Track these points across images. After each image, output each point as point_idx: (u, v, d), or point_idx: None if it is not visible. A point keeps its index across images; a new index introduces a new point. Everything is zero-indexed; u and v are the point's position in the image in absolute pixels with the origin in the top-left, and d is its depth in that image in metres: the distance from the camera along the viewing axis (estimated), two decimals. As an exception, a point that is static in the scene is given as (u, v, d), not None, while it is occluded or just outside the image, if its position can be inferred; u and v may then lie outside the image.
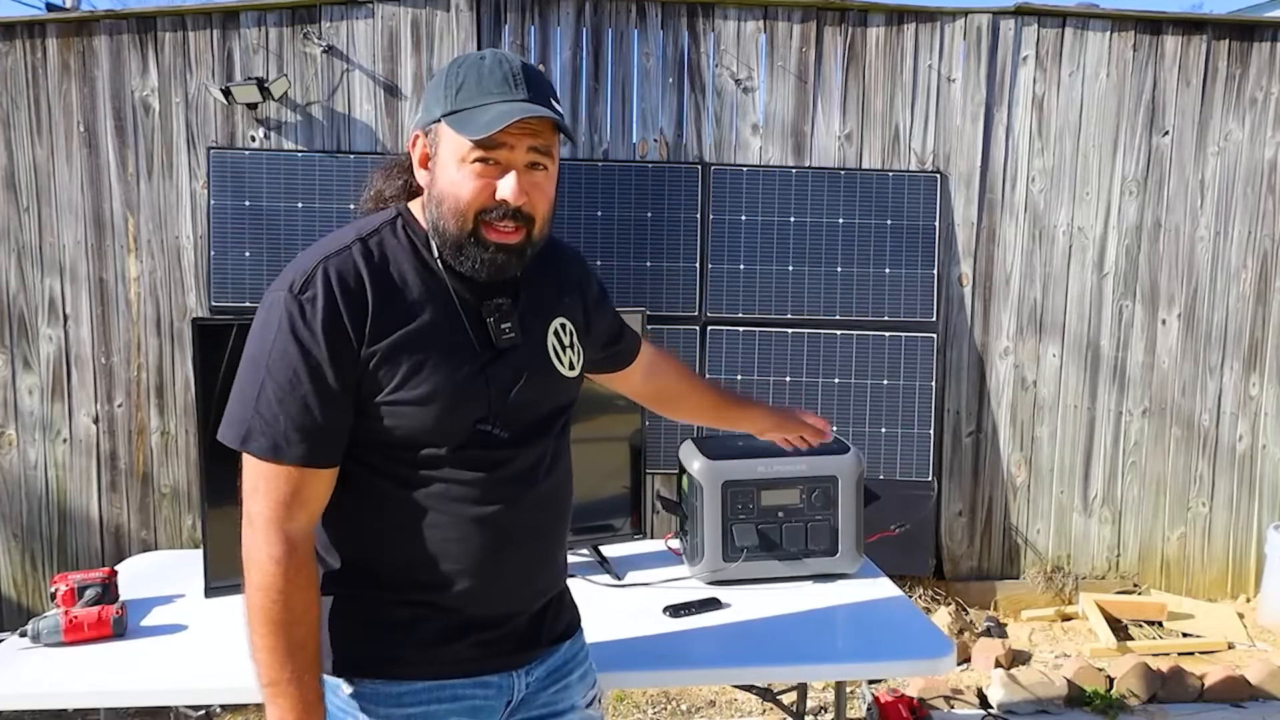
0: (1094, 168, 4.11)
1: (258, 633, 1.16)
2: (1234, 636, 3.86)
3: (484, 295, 1.26)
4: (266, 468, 1.16)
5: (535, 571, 1.33)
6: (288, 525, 1.17)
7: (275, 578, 1.15)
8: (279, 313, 1.16)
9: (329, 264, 1.18)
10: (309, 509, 1.19)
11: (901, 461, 4.02)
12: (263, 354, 1.16)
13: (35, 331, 3.88)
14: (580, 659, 1.44)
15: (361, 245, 1.21)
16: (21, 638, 1.75)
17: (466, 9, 3.87)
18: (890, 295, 4.02)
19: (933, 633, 1.86)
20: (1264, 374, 4.23)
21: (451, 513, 1.23)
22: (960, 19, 4.03)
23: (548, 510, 1.32)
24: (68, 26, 3.79)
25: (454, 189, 1.18)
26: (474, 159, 1.16)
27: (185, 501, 3.96)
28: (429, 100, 1.22)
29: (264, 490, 1.16)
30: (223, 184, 3.78)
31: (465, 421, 1.22)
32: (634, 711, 3.27)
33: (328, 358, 1.15)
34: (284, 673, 1.15)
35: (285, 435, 1.15)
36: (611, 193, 3.94)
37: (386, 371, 1.17)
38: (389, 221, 1.26)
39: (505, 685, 1.32)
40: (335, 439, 1.18)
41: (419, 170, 1.25)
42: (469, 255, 1.20)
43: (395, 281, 1.21)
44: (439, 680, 1.26)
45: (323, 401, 1.15)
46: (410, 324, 1.19)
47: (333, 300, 1.15)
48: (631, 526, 2.29)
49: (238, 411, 1.17)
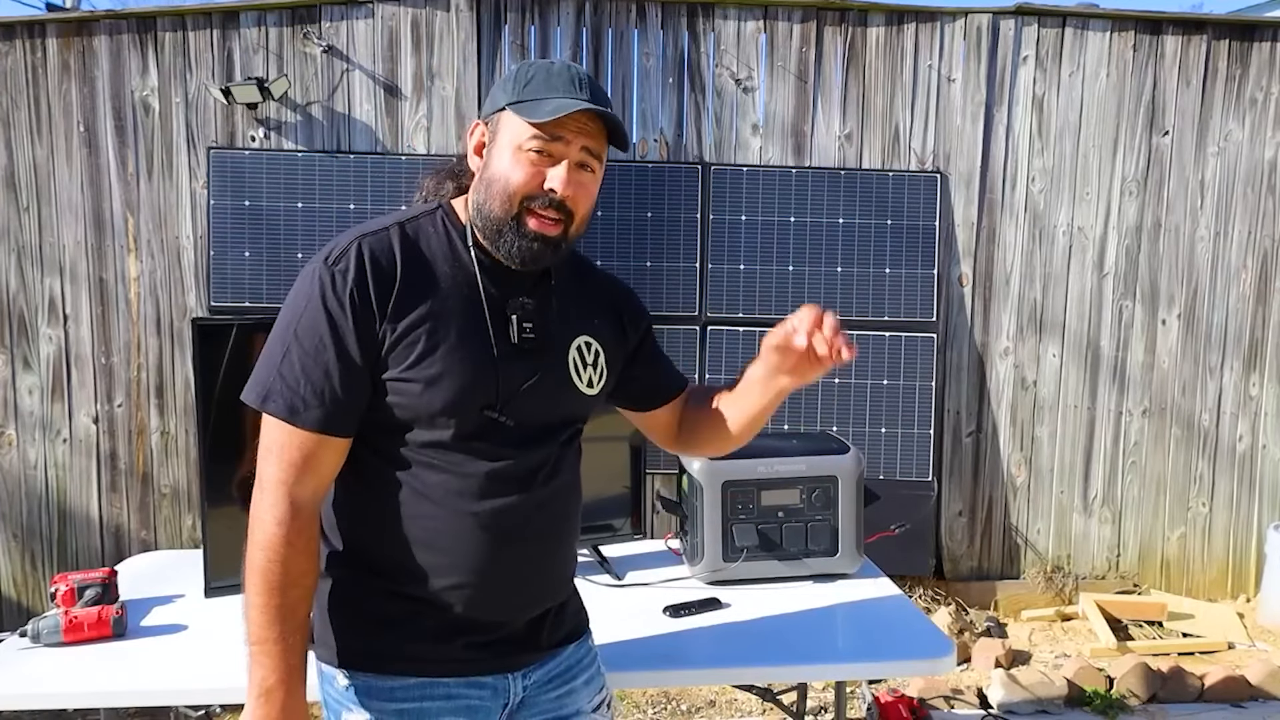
0: (1094, 168, 4.11)
1: (252, 590, 1.18)
2: (1234, 636, 3.86)
3: (511, 293, 1.29)
4: (282, 430, 1.19)
5: (530, 578, 1.32)
6: (295, 489, 1.19)
7: (276, 538, 1.18)
8: (312, 282, 1.20)
9: (365, 241, 1.23)
10: (318, 476, 1.21)
11: (901, 461, 4.02)
12: (293, 320, 1.20)
13: (35, 331, 3.88)
14: (586, 663, 1.44)
15: (399, 229, 1.26)
16: (21, 638, 1.75)
17: (466, 9, 3.87)
18: (890, 295, 4.02)
19: (933, 633, 1.86)
20: (1264, 374, 4.23)
21: (448, 505, 1.25)
22: (960, 19, 4.03)
23: (545, 516, 1.32)
24: (68, 26, 3.79)
25: (506, 172, 1.23)
26: (530, 147, 1.22)
27: (185, 501, 3.96)
28: (494, 94, 1.28)
29: (277, 452, 1.19)
30: (223, 184, 3.78)
31: (472, 405, 1.24)
32: (634, 711, 3.27)
33: (352, 328, 1.18)
34: (271, 632, 1.17)
35: (304, 399, 1.18)
36: (611, 193, 3.94)
37: (402, 349, 1.20)
38: (429, 212, 1.31)
39: (501, 687, 1.32)
40: (351, 410, 1.21)
41: (472, 158, 1.30)
42: (507, 240, 1.25)
43: (425, 265, 1.25)
44: (431, 678, 1.27)
45: (344, 370, 1.19)
46: (432, 306, 1.22)
47: (363, 273, 1.20)
48: (631, 526, 2.29)
49: (262, 373, 1.21)
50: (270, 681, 1.17)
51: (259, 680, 1.17)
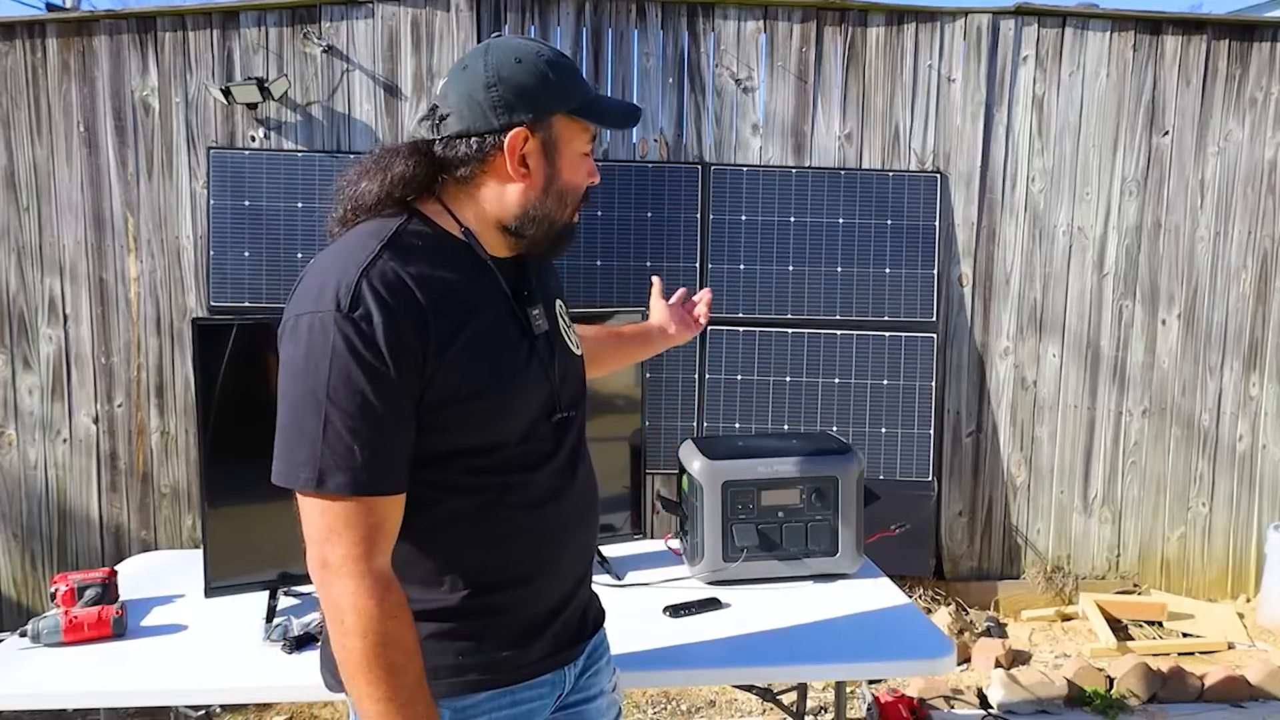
0: (1094, 168, 4.11)
1: (369, 683, 1.06)
2: (1234, 636, 3.86)
3: (514, 285, 1.26)
4: (345, 506, 1.06)
5: (581, 560, 1.35)
6: (378, 560, 1.08)
7: (379, 620, 1.06)
8: (329, 336, 1.06)
9: (370, 276, 1.08)
10: (389, 539, 1.11)
11: (901, 461, 4.02)
12: (319, 383, 1.06)
13: (35, 331, 3.88)
14: (605, 646, 1.47)
15: (391, 251, 1.12)
16: (21, 638, 1.75)
17: (466, 9, 3.87)
18: (890, 295, 4.02)
19: (933, 633, 1.86)
20: (1264, 374, 4.23)
21: (509, 511, 1.21)
22: (960, 19, 4.03)
23: (585, 496, 1.33)
24: (68, 26, 3.79)
25: (577, 179, 1.25)
26: (586, 151, 1.25)
27: (185, 501, 3.96)
28: (530, 95, 1.16)
29: (346, 532, 1.07)
30: (223, 184, 3.78)
31: (535, 410, 1.23)
32: (634, 711, 3.27)
33: (396, 376, 1.07)
34: (417, 711, 1.08)
35: (366, 466, 1.06)
36: (611, 193, 3.94)
37: (456, 376, 1.12)
38: (402, 224, 1.17)
39: (558, 681, 1.32)
40: (407, 459, 1.12)
41: (514, 167, 1.18)
42: (564, 241, 1.27)
43: (440, 283, 1.14)
44: (501, 689, 1.24)
45: (397, 422, 1.09)
46: (469, 324, 1.14)
47: (389, 313, 1.07)
48: (631, 526, 2.29)
49: (304, 451, 1.06)
50: None
51: None
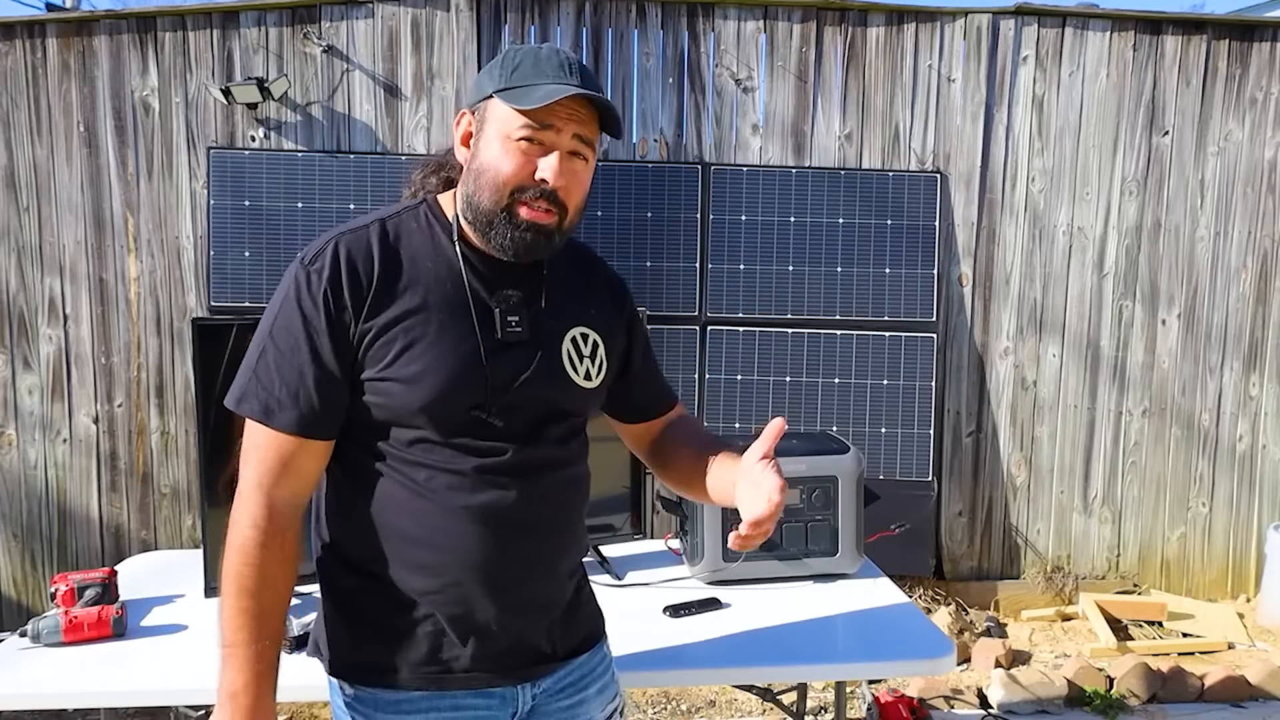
0: (1094, 168, 4.11)
1: (226, 593, 1.17)
2: (1234, 636, 3.86)
3: (500, 287, 1.25)
4: (259, 433, 1.18)
5: (532, 575, 1.27)
6: (272, 492, 1.18)
7: (250, 542, 1.16)
8: (289, 282, 1.19)
9: (342, 239, 1.21)
10: (296, 480, 1.19)
11: (901, 461, 4.02)
12: (271, 321, 1.19)
13: (35, 331, 3.88)
14: (600, 672, 1.39)
15: (379, 226, 1.24)
16: (21, 638, 1.75)
17: (466, 9, 3.87)
18: (890, 295, 4.02)
19: (933, 633, 1.86)
20: (1264, 374, 4.23)
21: (440, 500, 1.21)
22: (960, 19, 4.03)
23: (545, 509, 1.26)
24: (68, 26, 3.79)
25: (496, 163, 1.18)
26: (520, 136, 1.17)
27: (185, 501, 3.96)
28: (480, 81, 1.24)
29: (254, 456, 1.18)
30: (223, 184, 3.78)
31: (457, 403, 1.20)
32: (634, 711, 3.27)
33: (325, 328, 1.17)
34: (241, 635, 1.16)
35: (278, 400, 1.17)
36: (611, 193, 3.94)
37: (379, 348, 1.18)
38: (412, 207, 1.29)
39: (509, 696, 1.29)
40: (328, 412, 1.19)
41: (459, 149, 1.26)
42: (498, 232, 1.20)
43: (405, 261, 1.22)
44: (438, 691, 1.25)
45: (317, 371, 1.17)
46: (411, 303, 1.20)
47: (337, 272, 1.18)
48: (631, 526, 2.29)
49: (240, 376, 1.20)
50: (237, 685, 1.15)
51: (227, 683, 1.16)
